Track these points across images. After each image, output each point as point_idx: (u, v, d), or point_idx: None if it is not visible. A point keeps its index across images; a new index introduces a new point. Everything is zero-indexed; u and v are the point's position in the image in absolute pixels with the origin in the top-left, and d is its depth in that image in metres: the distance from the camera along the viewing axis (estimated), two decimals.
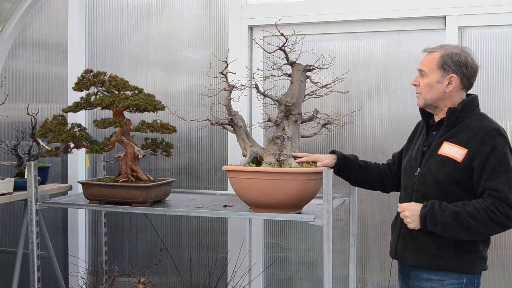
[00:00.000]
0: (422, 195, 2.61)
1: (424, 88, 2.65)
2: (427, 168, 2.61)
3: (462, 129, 2.57)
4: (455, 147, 2.54)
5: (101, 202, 3.37)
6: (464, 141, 2.53)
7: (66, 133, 3.33)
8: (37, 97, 4.62)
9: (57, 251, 4.32)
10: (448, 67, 2.58)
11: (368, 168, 3.03)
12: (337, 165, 2.99)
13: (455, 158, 2.52)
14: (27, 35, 4.65)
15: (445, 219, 2.44)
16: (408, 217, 2.55)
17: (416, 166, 2.69)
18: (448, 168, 2.53)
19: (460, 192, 2.53)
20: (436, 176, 2.57)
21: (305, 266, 4.04)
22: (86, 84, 3.42)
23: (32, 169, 3.34)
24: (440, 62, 2.60)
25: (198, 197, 3.70)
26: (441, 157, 2.57)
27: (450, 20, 3.58)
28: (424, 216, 2.49)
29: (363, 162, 3.04)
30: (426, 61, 2.66)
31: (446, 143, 2.58)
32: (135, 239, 4.44)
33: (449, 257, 2.55)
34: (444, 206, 2.47)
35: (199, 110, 4.00)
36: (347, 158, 3.01)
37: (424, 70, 2.64)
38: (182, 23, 4.25)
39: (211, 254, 4.10)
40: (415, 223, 2.53)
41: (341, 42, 3.90)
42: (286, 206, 2.94)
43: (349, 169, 3.01)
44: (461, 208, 2.44)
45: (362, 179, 3.04)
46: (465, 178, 2.51)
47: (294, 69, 3.07)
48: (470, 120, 2.58)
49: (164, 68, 4.33)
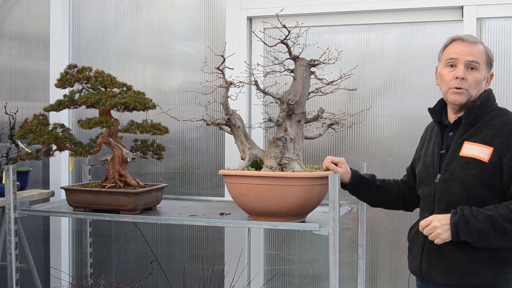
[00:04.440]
0: (446, 203, 2.57)
1: (473, 83, 2.58)
2: (450, 173, 2.57)
3: (483, 127, 2.55)
4: (479, 146, 2.51)
5: (86, 209, 3.36)
6: (488, 138, 2.51)
7: (47, 134, 3.33)
8: (16, 94, 4.62)
9: (38, 263, 4.32)
10: (491, 64, 2.63)
11: (387, 188, 3.00)
12: (352, 184, 2.97)
13: (481, 158, 2.49)
14: (5, 27, 4.65)
15: (479, 225, 2.39)
16: (438, 227, 2.45)
17: (435, 172, 2.65)
18: (474, 170, 2.49)
19: (489, 196, 2.49)
20: (461, 180, 2.52)
21: (309, 280, 4.04)
22: (70, 81, 3.42)
23: (11, 174, 3.34)
24: (487, 57, 2.60)
25: (192, 204, 3.70)
26: (465, 159, 2.53)
27: (468, 11, 3.59)
28: (456, 224, 2.42)
29: (381, 181, 3.01)
30: (477, 52, 2.60)
31: (467, 143, 2.55)
32: (123, 250, 4.44)
33: (482, 272, 2.49)
34: (475, 211, 2.43)
35: (194, 109, 4.00)
36: (363, 178, 2.99)
37: (479, 62, 2.58)
38: (175, 14, 4.26)
39: (207, 267, 4.11)
40: (446, 234, 2.44)
41: (349, 35, 3.91)
42: (288, 214, 2.94)
43: (366, 190, 3.00)
44: (494, 212, 2.40)
45: (381, 200, 3.03)
46: (494, 179, 2.48)
47: (297, 64, 3.07)
48: (491, 116, 2.57)
49: (155, 63, 4.33)
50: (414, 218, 2.95)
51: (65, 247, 4.43)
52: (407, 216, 3.70)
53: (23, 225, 3.99)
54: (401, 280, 3.79)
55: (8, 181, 3.34)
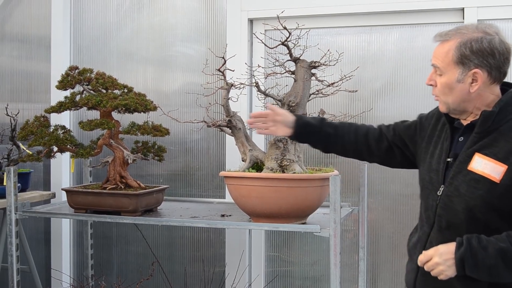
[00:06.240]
0: (448, 222, 2.21)
1: (442, 89, 2.21)
2: (454, 188, 2.19)
3: (500, 138, 2.13)
4: (491, 162, 2.10)
5: (87, 211, 3.37)
6: (503, 154, 2.10)
7: (49, 135, 3.34)
8: (17, 96, 4.62)
9: (39, 265, 4.32)
10: (468, 60, 2.12)
11: (340, 135, 2.63)
12: (296, 132, 2.65)
13: (492, 177, 2.09)
14: (6, 28, 4.66)
15: (488, 259, 2.02)
16: (440, 264, 2.09)
17: (439, 182, 2.26)
18: (482, 190, 2.10)
19: (497, 219, 2.12)
20: (466, 200, 2.14)
21: (310, 282, 4.04)
22: (71, 82, 3.43)
23: (12, 175, 3.34)
24: (456, 55, 2.14)
25: (193, 205, 3.71)
26: (473, 175, 2.14)
27: (468, 13, 3.60)
28: (462, 259, 2.05)
29: (333, 128, 2.63)
30: (439, 53, 2.22)
31: (478, 156, 2.15)
32: (124, 252, 4.44)
33: None
34: (484, 241, 2.05)
35: (195, 111, 4.00)
36: (310, 125, 2.64)
37: (439, 66, 2.20)
38: (176, 16, 4.26)
39: (208, 268, 4.11)
40: (450, 270, 2.08)
41: (350, 37, 3.91)
42: (289, 216, 2.95)
43: (313, 137, 2.67)
44: (507, 243, 2.02)
45: (333, 148, 2.71)
46: (504, 202, 2.09)
47: (298, 65, 3.08)
48: (510, 125, 2.13)
49: (156, 64, 4.33)
50: (415, 220, 2.93)
51: (66, 249, 4.43)
52: (408, 217, 3.71)
53: (24, 226, 3.99)
54: (402, 281, 3.78)
55: (9, 182, 3.34)
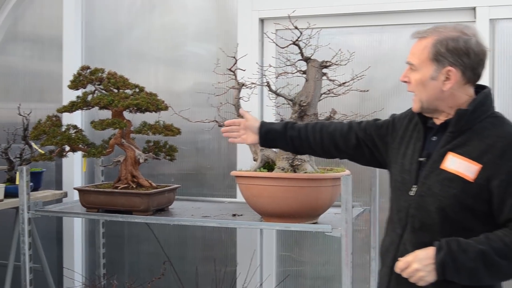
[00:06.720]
0: (421, 222, 2.17)
1: (416, 86, 2.21)
2: (427, 188, 2.16)
3: (473, 137, 2.12)
4: (465, 161, 2.09)
5: (99, 210, 3.39)
6: (476, 153, 2.09)
7: (61, 135, 3.35)
8: (30, 96, 4.65)
9: (51, 264, 4.34)
10: (442, 58, 2.13)
11: (304, 138, 2.62)
12: (261, 139, 2.67)
13: (465, 176, 2.08)
14: (18, 28, 4.69)
15: (469, 262, 2.01)
16: (420, 270, 2.05)
17: (412, 182, 2.23)
18: (456, 189, 2.09)
19: (471, 219, 2.11)
20: (439, 199, 2.12)
21: (322, 282, 4.03)
22: (83, 82, 3.45)
23: (24, 174, 3.36)
24: (432, 51, 2.14)
25: (204, 205, 3.72)
26: (446, 174, 2.12)
27: (480, 12, 3.58)
28: (442, 264, 2.03)
29: (296, 130, 2.63)
30: (415, 50, 2.21)
31: (451, 155, 2.13)
32: (135, 251, 4.45)
33: None
34: (464, 244, 2.03)
35: (206, 110, 4.00)
36: (273, 132, 2.65)
37: (413, 63, 2.20)
38: (187, 16, 4.27)
39: (219, 268, 4.11)
40: (431, 276, 2.05)
41: (361, 36, 3.91)
42: (300, 215, 2.95)
43: (280, 142, 2.68)
44: (486, 246, 2.01)
45: (301, 149, 2.69)
46: (478, 202, 2.08)
47: (309, 65, 3.08)
48: (484, 125, 2.13)
49: (167, 64, 4.35)
50: None
51: (78, 248, 4.45)
52: None
53: (36, 225, 4.01)
54: None
55: (21, 182, 3.36)
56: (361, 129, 2.54)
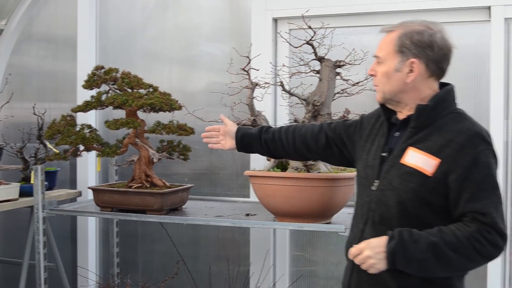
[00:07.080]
0: (381, 217, 2.20)
1: (381, 78, 2.24)
2: (388, 182, 2.19)
3: (434, 132, 2.16)
4: (424, 156, 2.12)
5: (113, 209, 3.40)
6: (436, 148, 2.12)
7: (75, 134, 3.37)
8: (44, 95, 4.67)
9: (66, 262, 4.36)
10: (407, 50, 2.18)
11: (277, 140, 2.68)
12: (238, 145, 2.74)
13: (424, 170, 2.11)
14: (33, 29, 4.72)
15: (419, 253, 2.04)
16: (371, 257, 2.09)
17: (374, 177, 2.26)
18: (415, 183, 2.12)
19: (430, 214, 2.13)
20: (399, 193, 2.15)
21: (335, 282, 4.03)
22: (97, 82, 3.46)
23: (39, 174, 3.39)
24: (397, 44, 2.20)
25: (217, 204, 3.73)
26: (406, 169, 2.15)
27: (495, 11, 3.56)
28: (393, 252, 2.06)
29: (270, 133, 2.70)
30: (382, 43, 2.28)
31: (411, 150, 2.17)
32: (149, 250, 4.47)
33: None
34: (416, 235, 2.06)
35: (219, 110, 3.99)
36: (248, 136, 2.72)
37: (380, 56, 2.25)
38: (200, 15, 4.28)
39: (232, 267, 4.11)
40: (381, 263, 2.08)
41: (375, 36, 3.85)
42: (314, 215, 2.95)
43: (255, 147, 2.74)
44: (438, 238, 2.04)
45: (276, 152, 2.74)
46: (436, 196, 2.11)
47: (322, 65, 3.07)
48: (444, 121, 2.17)
49: (181, 64, 4.36)
50: None
51: (92, 247, 4.47)
52: None
53: (51, 224, 4.04)
54: None
55: (36, 181, 3.39)
56: (330, 129, 2.59)
